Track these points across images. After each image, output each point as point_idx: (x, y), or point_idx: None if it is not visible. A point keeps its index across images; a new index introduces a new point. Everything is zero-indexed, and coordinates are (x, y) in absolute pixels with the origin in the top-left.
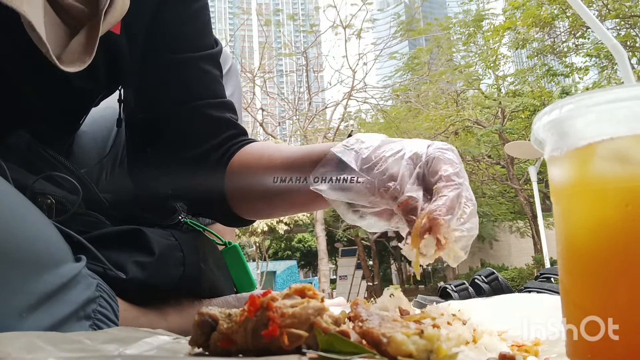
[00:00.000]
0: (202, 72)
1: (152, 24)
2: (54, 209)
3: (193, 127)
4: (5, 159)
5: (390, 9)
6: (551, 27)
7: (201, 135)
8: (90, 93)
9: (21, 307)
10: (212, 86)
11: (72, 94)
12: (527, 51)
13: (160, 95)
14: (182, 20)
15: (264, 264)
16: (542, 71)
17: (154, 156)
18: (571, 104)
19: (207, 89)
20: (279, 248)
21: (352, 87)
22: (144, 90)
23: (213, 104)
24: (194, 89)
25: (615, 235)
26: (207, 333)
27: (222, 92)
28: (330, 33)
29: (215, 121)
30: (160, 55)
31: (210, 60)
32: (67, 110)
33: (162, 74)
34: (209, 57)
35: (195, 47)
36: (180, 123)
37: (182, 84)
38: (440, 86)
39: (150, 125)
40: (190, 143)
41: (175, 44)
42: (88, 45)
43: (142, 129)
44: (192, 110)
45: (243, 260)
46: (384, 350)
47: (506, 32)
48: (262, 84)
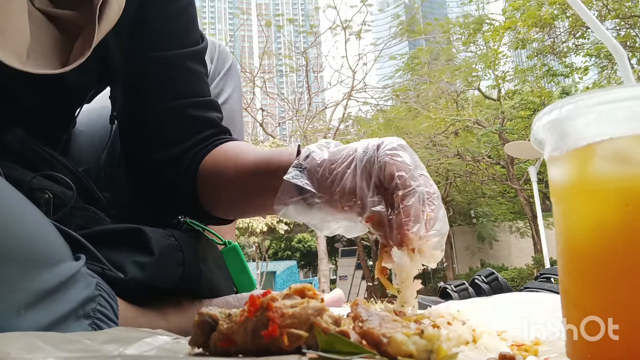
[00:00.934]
0: (186, 71)
1: (137, 20)
2: (51, 203)
3: (171, 126)
4: (1, 156)
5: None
6: (551, 28)
7: (178, 135)
8: (81, 89)
9: (19, 304)
10: (196, 85)
11: (64, 91)
12: (527, 51)
13: (144, 92)
14: (168, 17)
15: (264, 264)
16: (542, 71)
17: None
18: (571, 104)
19: (190, 87)
20: (279, 248)
21: (352, 87)
22: (130, 87)
23: (194, 103)
24: (177, 87)
25: (615, 236)
26: (207, 333)
27: (206, 91)
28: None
29: (194, 121)
30: (145, 52)
31: (195, 57)
32: (59, 106)
33: (147, 71)
34: (194, 54)
35: (181, 44)
36: (159, 121)
37: (165, 82)
38: (440, 86)
39: (133, 123)
40: (166, 143)
41: (160, 42)
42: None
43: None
44: (172, 109)
45: (243, 260)
46: (385, 351)
47: (506, 32)
48: (262, 84)
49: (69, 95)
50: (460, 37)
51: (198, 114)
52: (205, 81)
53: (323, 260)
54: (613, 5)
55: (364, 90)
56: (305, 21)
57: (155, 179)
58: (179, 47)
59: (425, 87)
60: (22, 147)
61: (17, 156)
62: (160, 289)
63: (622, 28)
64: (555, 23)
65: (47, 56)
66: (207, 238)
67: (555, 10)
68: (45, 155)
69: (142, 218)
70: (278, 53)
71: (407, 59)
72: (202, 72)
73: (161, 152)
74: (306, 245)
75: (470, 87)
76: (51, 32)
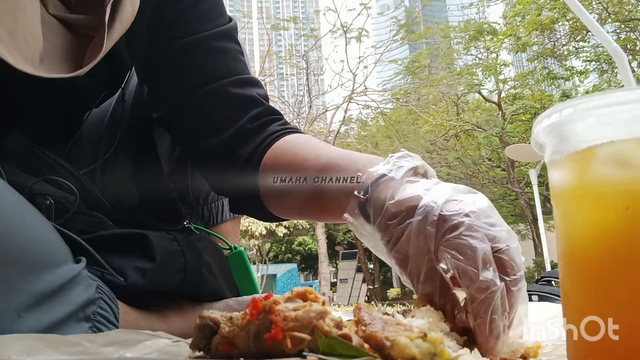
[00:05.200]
0: (214, 51)
1: (154, 18)
2: (52, 209)
3: (213, 110)
4: (3, 161)
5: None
6: (551, 31)
7: (224, 119)
8: (90, 94)
9: (20, 306)
10: (230, 64)
11: (72, 95)
12: (528, 54)
13: (172, 86)
14: (184, 7)
15: (264, 267)
16: (543, 74)
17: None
18: (571, 107)
19: (222, 68)
20: (280, 251)
21: (352, 90)
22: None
23: (232, 82)
24: (208, 70)
25: (615, 239)
26: (209, 336)
27: (244, 69)
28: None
29: (238, 100)
30: (164, 45)
31: (224, 36)
32: (67, 111)
33: (170, 63)
34: (222, 34)
35: (203, 28)
36: (197, 110)
37: (192, 67)
38: (441, 89)
39: (173, 119)
40: (211, 129)
41: (178, 30)
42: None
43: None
44: (208, 93)
45: (248, 266)
46: (388, 354)
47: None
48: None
49: (77, 99)
50: (460, 42)
51: (238, 92)
52: (241, 59)
53: (324, 263)
54: (613, 9)
55: (365, 93)
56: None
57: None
58: (202, 30)
59: (426, 90)
60: (25, 151)
61: (19, 161)
62: (160, 294)
63: (623, 31)
64: (555, 26)
65: (61, 60)
66: (212, 242)
67: (555, 13)
68: (48, 160)
69: (147, 222)
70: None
71: (408, 62)
72: (235, 50)
73: (210, 140)
74: (307, 248)
75: (472, 92)
76: (66, 37)
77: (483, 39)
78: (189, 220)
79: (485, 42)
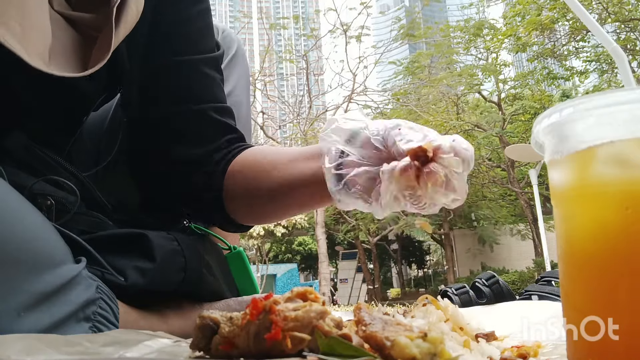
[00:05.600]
0: (204, 75)
1: (153, 24)
2: (53, 209)
3: (196, 128)
4: (3, 161)
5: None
6: (551, 31)
7: (204, 137)
8: (90, 95)
9: (20, 306)
10: (214, 90)
11: (72, 96)
12: (528, 54)
13: (162, 95)
14: (183, 21)
15: (264, 267)
16: (543, 74)
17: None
18: (571, 107)
19: (209, 92)
20: (279, 251)
21: (352, 91)
22: (147, 90)
23: (215, 108)
24: (196, 91)
25: (615, 238)
26: (209, 336)
27: (223, 97)
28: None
29: (218, 124)
30: (162, 56)
31: (212, 63)
32: (67, 112)
33: (165, 75)
34: (211, 61)
35: (198, 49)
36: (183, 123)
37: (184, 86)
38: (441, 89)
39: (153, 125)
40: (193, 142)
41: (177, 46)
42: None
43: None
44: (195, 112)
45: (247, 266)
46: (388, 354)
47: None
48: (263, 87)
49: (78, 100)
50: (460, 42)
51: (220, 119)
52: (222, 87)
53: (324, 263)
54: (613, 9)
55: (365, 93)
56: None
57: (176, 180)
58: (196, 52)
59: (426, 90)
60: (25, 152)
61: (20, 161)
62: (161, 293)
63: (623, 31)
64: (555, 26)
65: (68, 59)
66: (212, 242)
67: (555, 13)
68: (49, 160)
69: (147, 222)
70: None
71: (408, 63)
72: (219, 79)
73: (191, 150)
74: (306, 248)
75: (472, 92)
76: (71, 35)
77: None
78: (188, 220)
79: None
